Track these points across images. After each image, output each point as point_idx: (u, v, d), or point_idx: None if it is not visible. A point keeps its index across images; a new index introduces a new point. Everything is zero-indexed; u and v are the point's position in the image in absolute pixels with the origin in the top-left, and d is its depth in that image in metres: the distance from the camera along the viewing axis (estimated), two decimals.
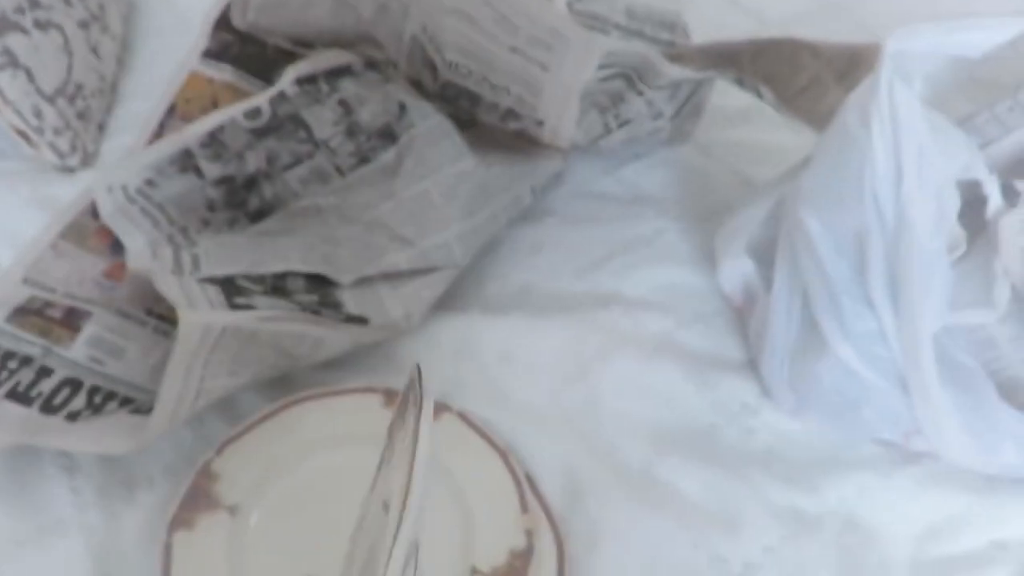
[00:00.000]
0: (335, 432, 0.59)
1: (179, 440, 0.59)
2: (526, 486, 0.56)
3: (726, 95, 0.79)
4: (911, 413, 0.54)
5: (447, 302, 0.66)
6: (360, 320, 0.60)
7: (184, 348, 0.50)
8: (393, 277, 0.63)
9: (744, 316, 0.64)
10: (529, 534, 0.53)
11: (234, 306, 0.54)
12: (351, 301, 0.62)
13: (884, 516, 0.55)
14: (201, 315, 0.52)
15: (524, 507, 0.55)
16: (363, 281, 0.63)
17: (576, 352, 0.64)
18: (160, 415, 0.50)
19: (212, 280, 0.57)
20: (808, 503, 0.56)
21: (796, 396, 0.58)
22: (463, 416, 0.59)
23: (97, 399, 0.57)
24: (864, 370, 0.54)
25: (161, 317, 0.62)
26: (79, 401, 0.56)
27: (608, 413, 0.60)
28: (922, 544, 0.54)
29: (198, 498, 0.55)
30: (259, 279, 0.60)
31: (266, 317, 0.54)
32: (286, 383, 0.62)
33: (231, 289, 0.57)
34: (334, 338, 0.59)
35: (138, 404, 0.57)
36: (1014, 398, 0.57)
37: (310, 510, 0.55)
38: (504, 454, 0.57)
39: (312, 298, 0.61)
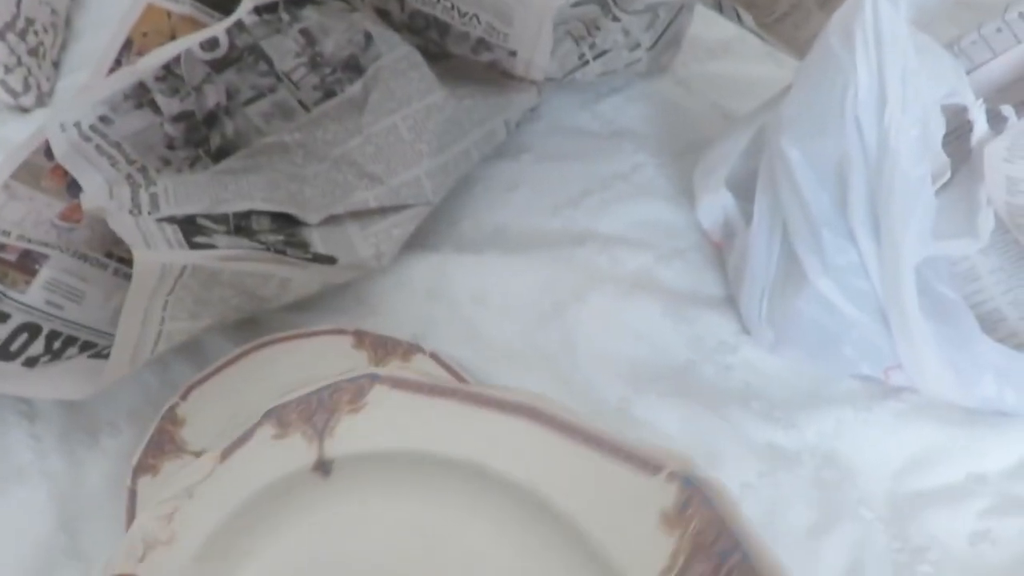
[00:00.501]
0: (305, 375, 0.57)
1: (143, 385, 0.57)
2: None
3: (706, 26, 0.77)
4: (891, 347, 0.53)
5: (419, 241, 0.65)
6: (328, 259, 0.58)
7: (141, 288, 0.48)
8: (362, 215, 0.61)
9: (723, 252, 0.63)
10: None
11: (194, 245, 0.52)
12: (319, 240, 0.60)
13: (863, 451, 0.54)
14: (158, 254, 0.50)
15: None
16: (331, 220, 0.61)
17: (551, 290, 0.62)
18: (118, 358, 0.49)
19: (171, 220, 0.55)
20: (786, 439, 0.55)
21: (775, 332, 0.57)
22: (436, 357, 0.58)
23: (56, 344, 0.55)
24: (844, 304, 0.52)
25: (122, 260, 0.60)
26: (37, 346, 0.54)
27: (584, 352, 0.59)
28: (900, 478, 0.53)
29: (163, 443, 0.53)
30: (221, 219, 0.58)
31: (228, 256, 0.52)
32: (253, 326, 0.60)
33: (191, 229, 0.55)
34: (302, 278, 0.57)
35: (99, 349, 0.55)
36: (995, 331, 0.56)
37: None
38: None
39: (278, 238, 0.59)
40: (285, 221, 0.60)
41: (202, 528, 0.34)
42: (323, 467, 0.34)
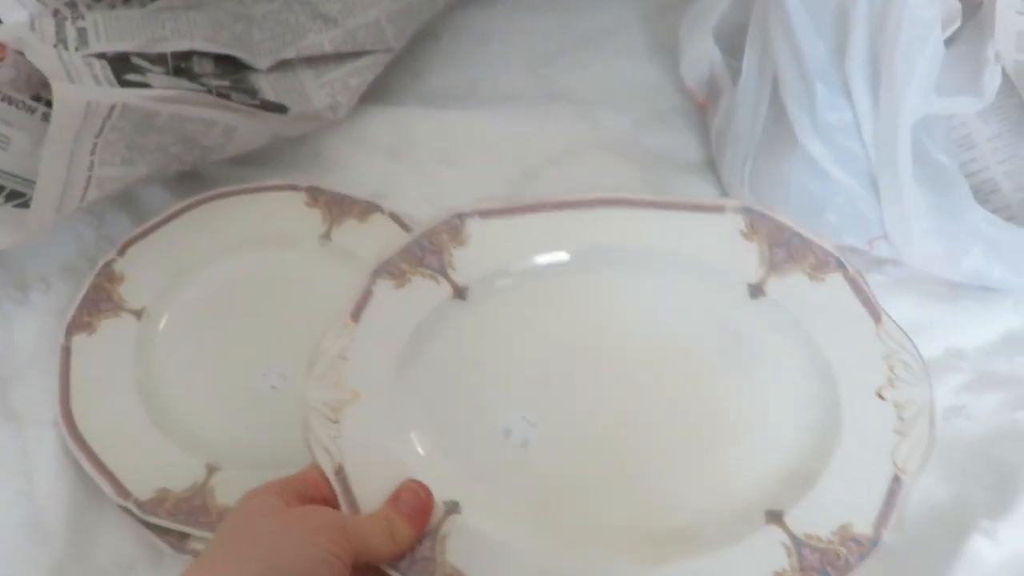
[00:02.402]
0: (253, 233, 0.54)
1: (78, 238, 0.53)
2: None
3: None
4: (878, 216, 0.50)
5: (380, 94, 0.60)
6: (278, 108, 0.53)
7: (64, 127, 0.43)
8: (317, 61, 0.56)
9: (706, 113, 0.59)
10: None
11: (125, 83, 0.47)
12: (268, 87, 0.55)
13: None
14: (83, 90, 0.45)
15: None
16: (282, 65, 0.56)
17: (524, 152, 0.58)
18: (43, 203, 0.45)
19: (101, 57, 0.50)
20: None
21: (757, 198, 0.53)
22: (396, 217, 0.54)
23: None
24: (833, 167, 0.49)
25: (51, 104, 0.55)
26: None
27: None
28: None
29: (99, 301, 0.50)
30: (158, 59, 0.52)
31: (164, 97, 0.47)
32: (197, 180, 0.56)
33: (122, 67, 0.49)
34: (249, 127, 0.52)
35: (27, 199, 0.51)
36: (987, 203, 0.54)
37: (225, 315, 0.51)
38: None
39: (222, 83, 0.53)
40: (231, 65, 0.55)
41: (374, 379, 0.38)
42: (460, 293, 0.39)
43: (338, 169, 0.58)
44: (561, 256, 0.39)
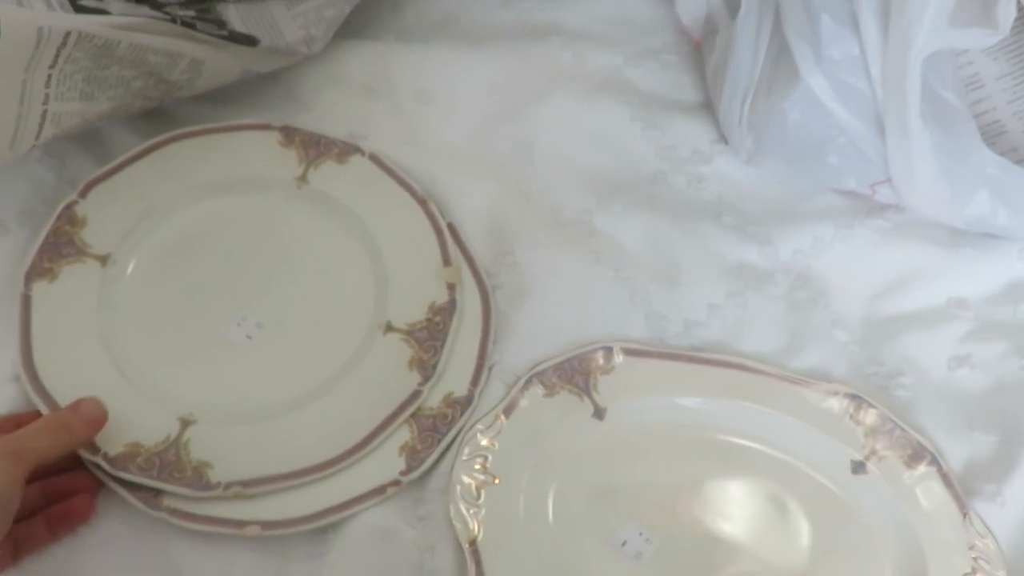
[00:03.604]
0: (225, 174, 0.51)
1: (37, 180, 0.50)
2: (448, 236, 0.49)
3: None
4: (881, 158, 0.48)
5: (357, 28, 0.56)
6: (248, 40, 0.50)
7: (13, 56, 0.40)
8: None
9: (703, 51, 0.56)
10: (451, 288, 0.48)
11: (79, 9, 0.44)
12: (237, 17, 0.51)
13: (840, 271, 0.50)
14: (33, 14, 0.41)
15: (445, 260, 0.48)
16: None
17: (506, 89, 0.55)
18: None
19: None
20: (759, 257, 0.50)
21: (755, 139, 0.51)
22: (376, 159, 0.51)
23: None
24: (836, 106, 0.47)
25: None
26: None
27: (542, 156, 0.53)
28: (878, 301, 0.49)
29: (61, 246, 0.47)
30: None
31: (123, 24, 0.44)
32: (164, 118, 0.53)
33: None
34: (217, 61, 0.49)
35: None
36: (993, 145, 0.51)
37: (196, 261, 0.49)
38: (423, 202, 0.50)
39: (188, 12, 0.50)
40: None
41: (515, 468, 0.44)
42: (598, 413, 0.45)
43: (313, 107, 0.54)
44: (694, 401, 0.45)
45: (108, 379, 0.44)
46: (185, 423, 0.43)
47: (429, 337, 0.46)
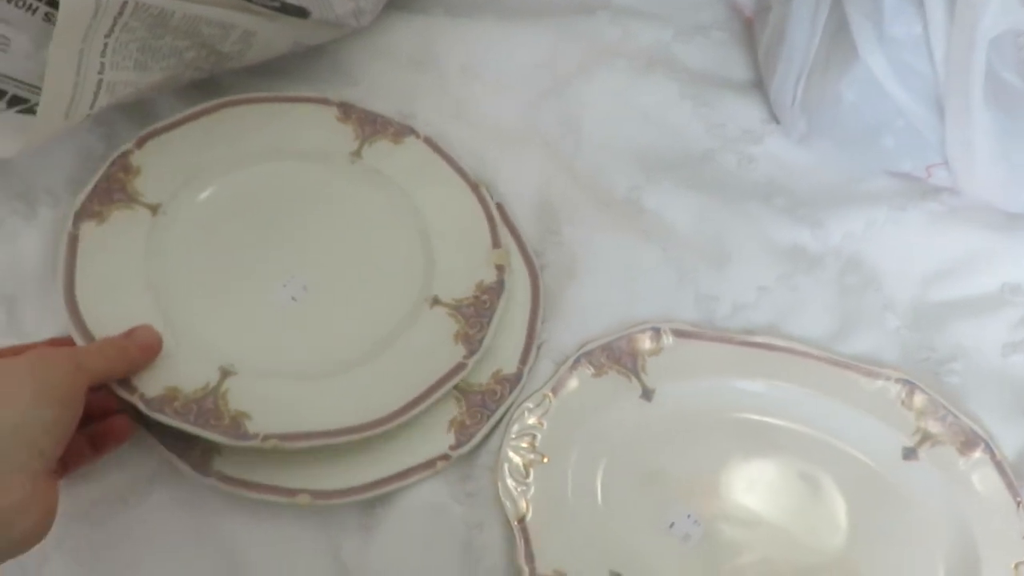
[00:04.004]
0: (280, 142, 0.51)
1: (86, 150, 0.50)
2: (498, 220, 0.49)
3: None
4: (939, 140, 0.47)
5: (405, 1, 0.56)
6: (300, 12, 0.49)
7: (71, 24, 0.40)
8: None
9: (754, 28, 0.55)
10: (499, 269, 0.47)
11: None
12: None
13: (892, 255, 0.49)
14: None
15: (495, 242, 0.48)
16: None
17: (554, 64, 0.55)
18: (50, 108, 0.41)
19: None
20: (810, 239, 0.50)
21: (808, 120, 0.50)
22: (430, 142, 0.51)
23: None
24: (894, 87, 0.46)
25: (53, 3, 0.51)
26: None
27: (589, 133, 0.52)
28: (930, 285, 0.49)
29: (112, 191, 0.47)
30: None
31: None
32: (214, 89, 0.53)
33: None
34: (268, 32, 0.49)
35: (31, 105, 0.47)
36: None
37: (246, 221, 0.48)
38: (475, 187, 0.50)
39: None
40: None
41: (563, 447, 0.44)
42: (647, 394, 0.45)
43: (360, 81, 0.54)
44: (743, 384, 0.45)
45: (150, 323, 0.43)
46: (225, 373, 0.43)
47: (476, 314, 0.46)
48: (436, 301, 0.47)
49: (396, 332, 0.46)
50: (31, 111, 0.47)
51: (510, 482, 0.42)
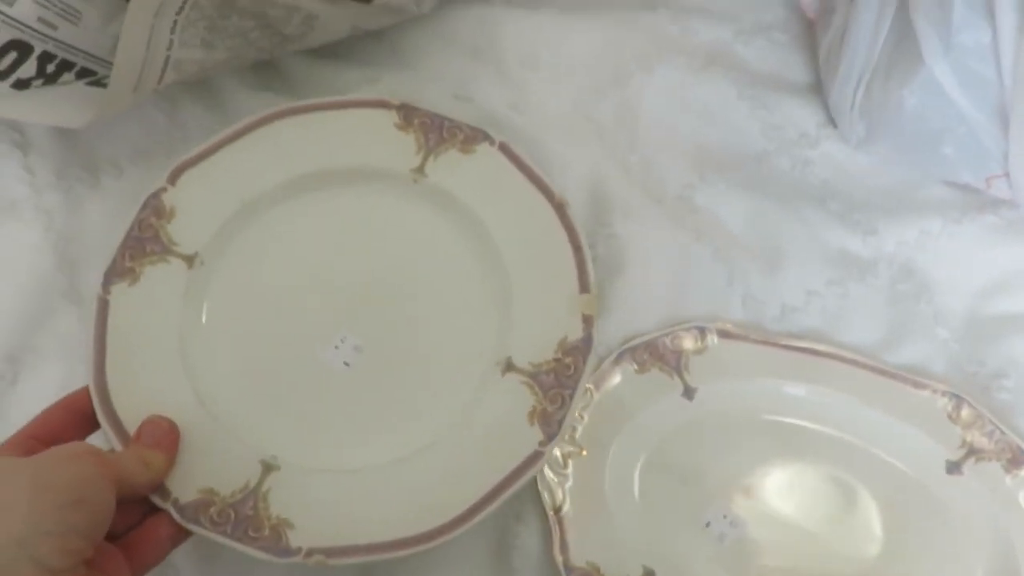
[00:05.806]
0: (331, 163, 0.45)
1: (148, 122, 0.51)
2: (586, 251, 0.44)
3: None
4: (1000, 151, 0.46)
5: None
6: None
7: (145, 1, 0.41)
8: None
9: (816, 30, 0.54)
10: (587, 321, 0.42)
11: None
12: None
13: (945, 266, 0.49)
14: None
15: (583, 285, 0.43)
16: None
17: (613, 58, 0.54)
18: (120, 81, 0.42)
19: None
20: (862, 246, 0.49)
21: (867, 125, 0.50)
22: (507, 149, 0.46)
23: (50, 68, 0.48)
24: (959, 95, 0.45)
25: None
26: (28, 68, 0.47)
27: (645, 128, 0.52)
28: (983, 298, 0.48)
29: (145, 242, 0.43)
30: None
31: None
32: (273, 71, 0.53)
33: None
34: (330, 16, 0.49)
35: (99, 78, 0.49)
36: None
37: (290, 267, 0.44)
38: (560, 207, 0.44)
39: None
40: None
41: (603, 441, 0.44)
42: (688, 393, 0.45)
43: (417, 67, 0.54)
44: (786, 389, 0.45)
45: (186, 408, 0.41)
46: (267, 468, 0.40)
47: (556, 383, 0.41)
48: (510, 366, 0.42)
49: (462, 410, 0.42)
50: (98, 84, 0.48)
51: (548, 472, 0.43)
